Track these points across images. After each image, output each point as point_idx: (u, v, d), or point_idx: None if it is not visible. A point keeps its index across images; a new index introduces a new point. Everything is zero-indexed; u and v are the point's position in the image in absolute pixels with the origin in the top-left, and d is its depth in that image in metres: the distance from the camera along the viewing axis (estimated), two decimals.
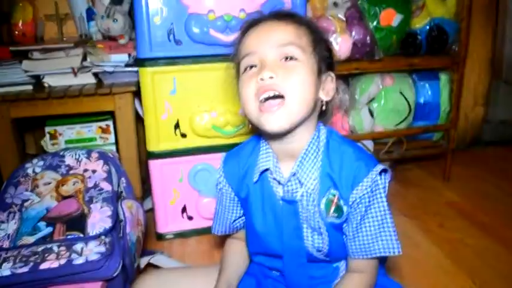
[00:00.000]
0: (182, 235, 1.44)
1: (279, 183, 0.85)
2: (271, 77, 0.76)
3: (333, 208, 0.82)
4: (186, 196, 1.40)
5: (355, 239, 0.82)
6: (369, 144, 1.69)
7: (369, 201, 0.80)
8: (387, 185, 0.83)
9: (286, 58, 0.78)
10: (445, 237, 1.45)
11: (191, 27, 1.22)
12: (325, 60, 0.84)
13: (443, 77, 1.76)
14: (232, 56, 0.88)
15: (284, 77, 0.76)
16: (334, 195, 0.82)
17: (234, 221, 0.97)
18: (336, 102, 1.63)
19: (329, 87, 0.85)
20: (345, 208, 0.82)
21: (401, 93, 1.68)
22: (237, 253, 0.99)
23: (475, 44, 2.09)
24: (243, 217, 0.97)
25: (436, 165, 1.94)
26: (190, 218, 1.43)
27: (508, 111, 2.45)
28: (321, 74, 0.83)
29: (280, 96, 0.76)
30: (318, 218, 0.83)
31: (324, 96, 0.84)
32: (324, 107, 0.86)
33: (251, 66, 0.80)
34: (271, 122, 0.77)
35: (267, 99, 0.76)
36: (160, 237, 1.43)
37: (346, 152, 0.82)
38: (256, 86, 0.77)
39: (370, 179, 0.79)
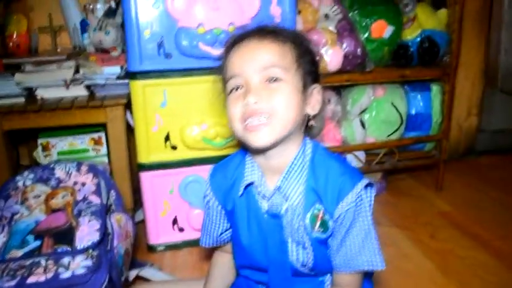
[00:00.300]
0: (173, 247, 1.44)
1: (264, 197, 0.86)
2: (255, 102, 0.77)
3: (318, 223, 0.82)
4: (177, 208, 1.41)
5: (339, 252, 0.83)
6: (361, 155, 1.70)
7: (354, 216, 0.81)
8: (373, 199, 0.83)
9: (271, 79, 0.79)
10: (436, 248, 1.45)
11: (181, 40, 1.23)
12: (311, 73, 0.84)
13: (435, 88, 1.77)
14: (218, 70, 0.88)
15: (268, 100, 0.77)
16: (319, 210, 0.82)
17: (221, 233, 0.98)
18: (328, 113, 1.66)
19: (315, 100, 0.85)
20: (330, 223, 0.82)
21: (392, 104, 1.69)
22: (223, 265, 1.00)
23: (469, 53, 2.10)
24: (230, 230, 0.97)
25: (429, 175, 1.95)
26: (181, 229, 1.43)
27: (502, 120, 2.46)
28: (307, 89, 0.83)
29: (266, 120, 0.77)
30: (302, 232, 0.83)
31: (311, 111, 0.85)
32: (310, 122, 0.87)
33: (237, 88, 0.81)
34: (256, 139, 0.78)
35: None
36: (151, 249, 1.44)
37: (331, 166, 0.83)
38: (242, 110, 0.78)
39: (355, 193, 0.80)
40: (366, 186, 0.82)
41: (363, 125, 1.69)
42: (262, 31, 0.84)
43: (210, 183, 0.95)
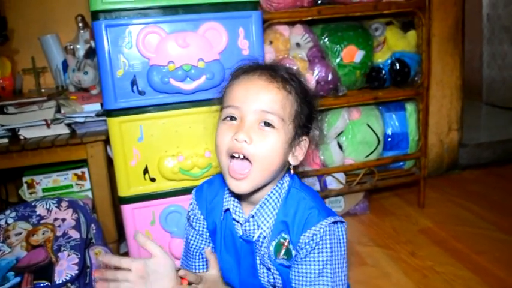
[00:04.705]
0: None
1: (238, 223, 0.90)
2: (245, 141, 0.80)
3: (283, 251, 0.86)
4: (159, 238, 1.43)
5: (295, 280, 0.85)
6: (341, 176, 1.74)
7: (312, 249, 0.83)
8: (342, 237, 0.87)
9: (265, 123, 0.82)
10: (416, 265, 1.47)
11: (153, 78, 1.28)
12: (304, 127, 0.88)
13: (410, 107, 1.81)
14: (219, 96, 0.91)
15: (256, 144, 0.81)
16: (285, 239, 0.86)
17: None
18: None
19: (300, 152, 0.89)
20: (293, 252, 0.86)
21: (368, 125, 1.74)
22: None
23: (444, 71, 2.15)
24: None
25: (412, 193, 1.98)
26: None
27: (484, 134, 2.50)
28: (296, 140, 0.86)
29: (248, 160, 0.81)
30: (267, 259, 0.88)
31: (293, 161, 0.89)
32: (292, 171, 0.91)
33: (231, 117, 0.84)
34: (235, 186, 0.83)
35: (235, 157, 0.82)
36: None
37: (303, 198, 0.87)
38: (230, 144, 0.82)
39: (319, 227, 0.83)
40: (335, 222, 0.85)
41: (340, 147, 1.73)
42: (274, 72, 0.86)
43: (195, 200, 1.00)
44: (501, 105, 3.21)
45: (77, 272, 1.09)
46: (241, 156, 0.81)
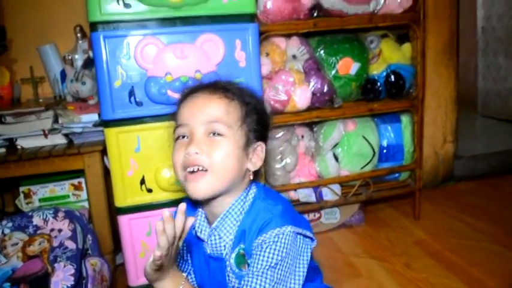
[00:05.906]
0: None
1: (203, 241, 0.91)
2: (196, 153, 0.83)
3: (247, 263, 0.86)
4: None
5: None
6: (336, 188, 1.74)
7: (262, 247, 0.82)
8: (300, 251, 0.85)
9: (214, 133, 0.85)
10: (410, 277, 1.48)
11: (150, 89, 1.29)
12: (256, 131, 0.90)
13: (405, 119, 1.83)
14: (172, 117, 0.94)
15: (208, 153, 0.83)
16: (244, 250, 0.86)
17: (189, 272, 1.01)
18: (302, 149, 1.71)
19: (257, 157, 0.90)
20: (248, 261, 0.86)
21: (364, 137, 1.75)
22: None
23: (439, 83, 2.18)
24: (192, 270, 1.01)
25: (408, 204, 1.99)
26: None
27: (478, 145, 2.52)
28: (250, 145, 0.89)
29: (205, 170, 0.83)
30: (229, 271, 0.88)
31: (251, 167, 0.90)
32: (251, 176, 0.91)
33: (182, 136, 0.87)
34: (195, 190, 0.84)
35: (191, 172, 0.83)
36: None
37: (265, 208, 0.87)
38: (183, 159, 0.84)
39: (270, 234, 0.82)
40: (298, 234, 0.85)
41: (336, 158, 1.75)
42: (214, 86, 0.91)
43: None
44: (496, 117, 3.24)
45: (73, 283, 1.10)
46: (196, 169, 0.83)
